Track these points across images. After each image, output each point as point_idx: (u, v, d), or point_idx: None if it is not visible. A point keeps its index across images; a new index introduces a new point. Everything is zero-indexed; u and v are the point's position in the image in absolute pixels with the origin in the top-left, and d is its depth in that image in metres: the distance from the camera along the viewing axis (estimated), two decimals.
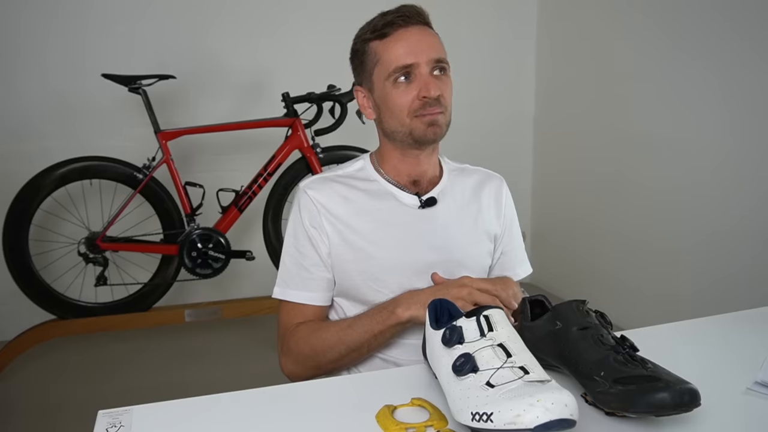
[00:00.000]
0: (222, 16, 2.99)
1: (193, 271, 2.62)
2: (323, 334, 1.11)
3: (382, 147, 1.20)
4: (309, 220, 1.15)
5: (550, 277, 3.36)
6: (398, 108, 1.11)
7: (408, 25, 1.11)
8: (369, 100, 1.17)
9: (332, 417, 0.82)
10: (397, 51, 1.09)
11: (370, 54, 1.13)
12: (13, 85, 2.77)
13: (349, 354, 1.10)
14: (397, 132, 1.13)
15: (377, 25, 1.12)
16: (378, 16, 1.14)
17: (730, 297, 2.37)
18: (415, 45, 1.10)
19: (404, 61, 1.09)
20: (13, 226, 2.47)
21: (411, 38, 1.10)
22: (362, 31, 1.16)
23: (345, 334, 1.08)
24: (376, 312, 1.07)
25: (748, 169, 2.34)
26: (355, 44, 1.17)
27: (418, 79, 1.09)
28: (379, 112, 1.16)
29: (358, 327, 1.08)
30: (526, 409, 0.67)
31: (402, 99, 1.10)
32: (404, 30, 1.10)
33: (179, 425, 0.80)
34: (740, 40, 2.33)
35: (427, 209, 1.17)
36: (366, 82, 1.17)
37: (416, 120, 1.10)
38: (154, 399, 0.85)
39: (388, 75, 1.10)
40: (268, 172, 2.66)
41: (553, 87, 3.46)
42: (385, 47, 1.11)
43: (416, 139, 1.12)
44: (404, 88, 1.10)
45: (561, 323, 0.87)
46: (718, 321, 1.14)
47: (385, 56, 1.11)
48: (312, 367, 1.13)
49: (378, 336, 1.07)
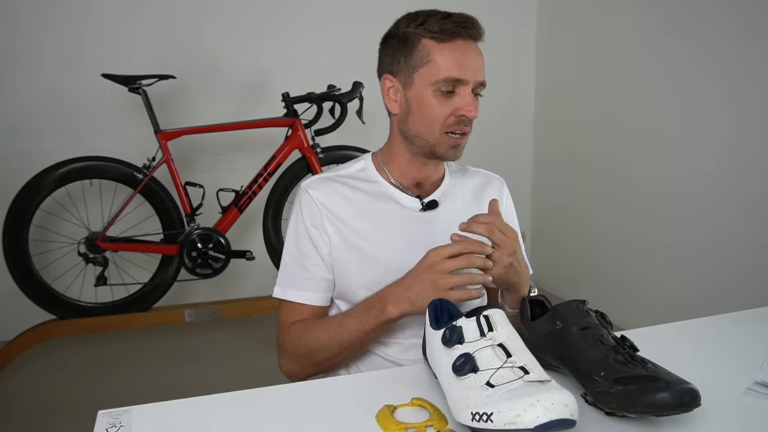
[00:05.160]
0: (222, 16, 2.99)
1: (193, 271, 2.62)
2: (315, 333, 1.11)
3: (393, 146, 1.18)
4: (310, 219, 1.15)
5: (550, 277, 3.36)
6: (433, 118, 1.08)
7: (469, 38, 1.07)
8: (398, 93, 1.13)
9: (332, 417, 0.82)
10: (453, 61, 1.06)
11: (422, 51, 1.07)
12: (13, 85, 2.77)
13: (341, 352, 1.09)
14: (419, 138, 1.11)
15: (435, 26, 1.06)
16: (434, 12, 1.08)
17: (730, 297, 2.36)
18: (471, 62, 1.07)
19: (457, 75, 1.06)
20: (13, 226, 2.47)
21: (470, 53, 1.07)
22: (413, 21, 1.09)
23: (336, 333, 1.08)
24: (365, 310, 1.06)
25: (749, 169, 2.34)
26: (402, 32, 1.10)
27: (461, 96, 1.07)
28: (407, 111, 1.12)
29: (348, 326, 1.07)
30: (526, 409, 0.67)
31: (439, 110, 1.08)
32: (465, 43, 1.07)
33: (179, 425, 0.80)
34: (741, 39, 2.33)
35: (428, 212, 1.17)
36: (403, 75, 1.11)
37: (445, 136, 1.09)
38: (154, 399, 0.85)
39: (435, 81, 1.06)
40: (268, 172, 2.66)
41: (553, 87, 3.46)
42: (441, 52, 1.06)
43: (435, 154, 1.12)
44: (444, 100, 1.07)
45: (561, 323, 0.88)
46: (718, 321, 1.14)
47: (438, 60, 1.06)
48: (308, 365, 1.13)
49: (369, 334, 1.06)
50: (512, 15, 3.48)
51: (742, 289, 2.34)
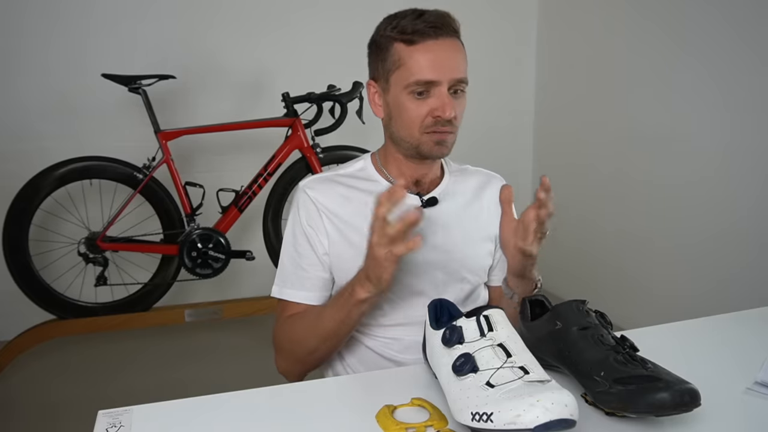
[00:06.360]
0: (222, 15, 2.99)
1: (193, 271, 2.62)
2: (296, 327, 1.11)
3: (387, 148, 1.19)
4: (307, 219, 1.15)
5: (550, 277, 3.34)
6: (410, 120, 1.09)
7: (438, 37, 1.06)
8: (381, 98, 1.14)
9: (332, 417, 0.82)
10: (421, 63, 1.05)
11: (393, 55, 1.08)
12: (13, 85, 2.77)
13: (323, 343, 1.09)
14: (404, 141, 1.12)
15: (407, 28, 1.06)
16: (409, 12, 1.08)
17: (730, 297, 2.36)
18: (441, 62, 1.06)
19: (427, 77, 1.05)
20: (13, 226, 2.47)
21: (438, 53, 1.06)
22: (389, 24, 1.09)
23: (314, 325, 1.08)
24: (338, 297, 1.06)
25: (749, 169, 2.34)
26: (378, 37, 1.11)
27: (436, 96, 1.06)
28: (389, 116, 1.14)
29: (324, 316, 1.07)
30: (526, 409, 0.67)
31: (415, 112, 1.08)
32: (433, 42, 1.05)
33: (179, 425, 0.80)
34: (740, 40, 2.33)
35: (429, 209, 1.17)
36: (381, 81, 1.12)
37: (425, 136, 1.09)
38: (154, 399, 0.85)
39: (407, 84, 1.06)
40: (268, 172, 2.66)
41: (553, 87, 3.46)
42: (410, 55, 1.06)
43: (421, 154, 1.12)
44: (420, 101, 1.07)
45: (561, 323, 0.88)
46: (718, 321, 1.14)
47: (408, 64, 1.06)
48: (295, 361, 1.13)
49: (345, 321, 1.05)
50: (512, 15, 3.47)
51: (742, 289, 2.34)
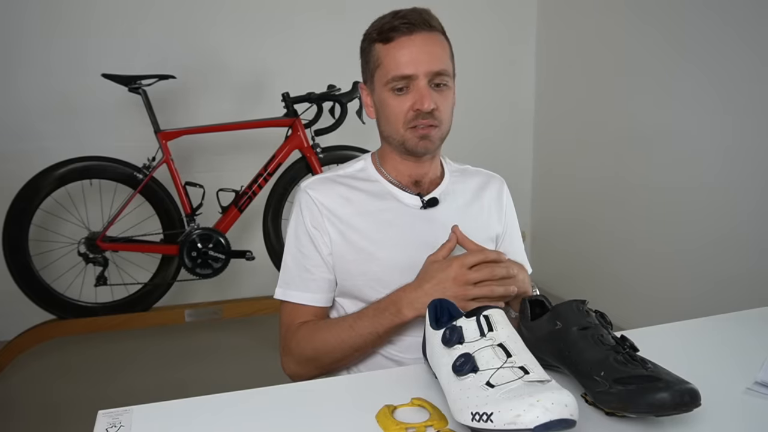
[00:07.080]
0: (222, 15, 2.99)
1: (193, 271, 2.62)
2: (325, 336, 1.10)
3: (383, 147, 1.21)
4: (311, 220, 1.15)
5: (550, 277, 3.35)
6: (393, 116, 1.11)
7: (412, 32, 1.08)
8: (371, 99, 1.18)
9: (332, 417, 0.82)
10: (397, 59, 1.08)
11: (374, 55, 1.12)
12: (13, 85, 2.77)
13: (352, 354, 1.10)
14: (391, 138, 1.14)
15: (383, 27, 1.10)
16: (389, 14, 1.12)
17: (730, 297, 2.36)
18: (417, 55, 1.08)
19: (403, 71, 1.08)
20: (13, 226, 2.47)
21: (413, 48, 1.08)
22: (371, 28, 1.14)
23: (347, 336, 1.08)
24: (378, 312, 1.06)
25: (748, 171, 2.34)
26: (363, 41, 1.15)
27: (415, 90, 1.08)
28: (378, 115, 1.17)
29: (360, 328, 1.07)
30: (526, 409, 0.67)
31: (397, 108, 1.10)
32: (407, 38, 1.08)
33: (179, 425, 0.80)
34: (740, 42, 2.33)
35: (429, 210, 1.17)
36: (368, 82, 1.17)
37: (409, 131, 1.11)
38: (154, 399, 0.85)
39: (386, 82, 1.10)
40: (268, 172, 2.66)
41: (553, 88, 3.46)
42: (387, 53, 1.09)
43: (408, 150, 1.13)
44: (401, 97, 1.09)
45: (561, 323, 0.87)
46: (718, 321, 1.14)
47: (386, 62, 1.10)
48: (315, 368, 1.13)
49: (382, 336, 1.07)
50: (512, 15, 3.47)
51: (742, 289, 2.34)
